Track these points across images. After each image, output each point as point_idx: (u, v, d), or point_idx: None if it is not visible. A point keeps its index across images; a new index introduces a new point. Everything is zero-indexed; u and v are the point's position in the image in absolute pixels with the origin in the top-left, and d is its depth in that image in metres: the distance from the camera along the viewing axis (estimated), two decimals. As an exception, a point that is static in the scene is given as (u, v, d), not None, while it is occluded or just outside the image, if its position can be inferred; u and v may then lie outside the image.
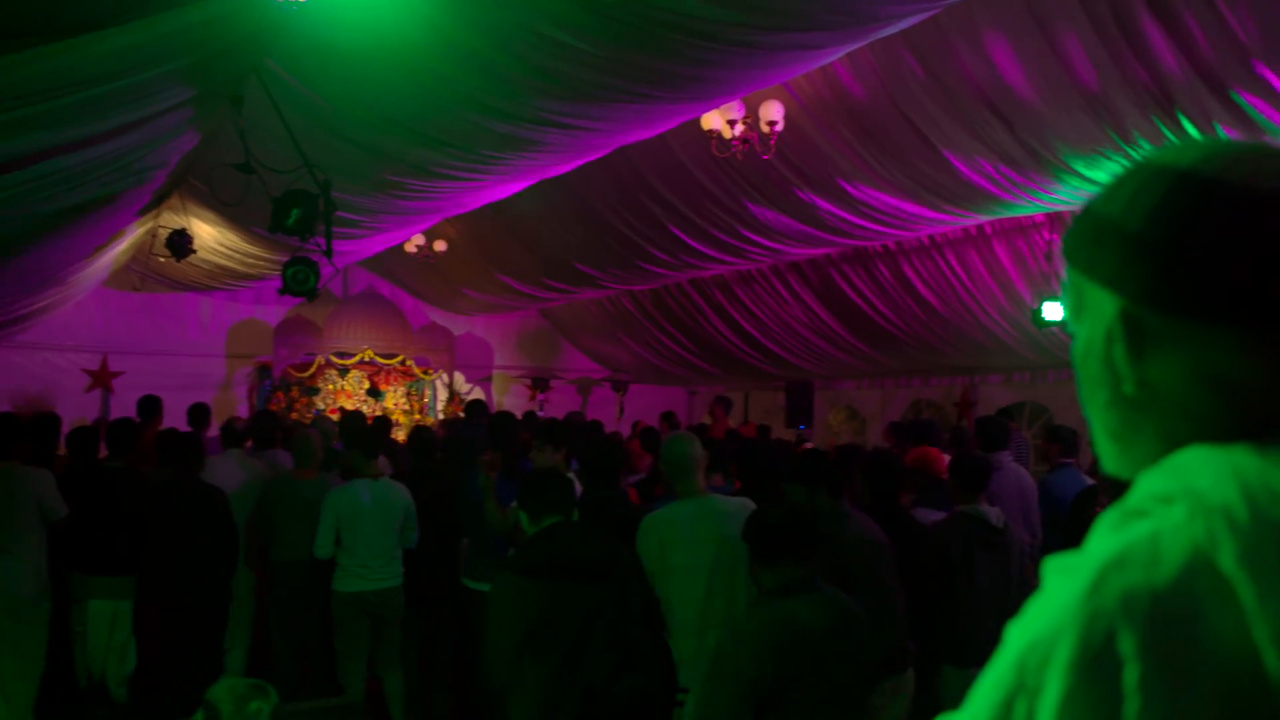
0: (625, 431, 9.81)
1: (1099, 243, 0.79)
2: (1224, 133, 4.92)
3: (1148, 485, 0.72)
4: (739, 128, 6.24)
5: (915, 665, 3.90)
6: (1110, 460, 0.82)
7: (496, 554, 4.87)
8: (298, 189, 4.99)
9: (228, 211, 6.81)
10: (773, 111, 6.14)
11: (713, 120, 6.24)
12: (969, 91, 5.52)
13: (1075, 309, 0.83)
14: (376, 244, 9.02)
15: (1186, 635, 0.62)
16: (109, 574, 5.19)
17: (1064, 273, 0.85)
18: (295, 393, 11.26)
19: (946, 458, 5.31)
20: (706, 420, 10.48)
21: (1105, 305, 0.79)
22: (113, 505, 5.20)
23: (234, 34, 3.67)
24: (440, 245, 10.40)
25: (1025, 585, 4.68)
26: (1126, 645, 0.62)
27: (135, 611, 5.30)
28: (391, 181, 5.99)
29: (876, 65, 5.75)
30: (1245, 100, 4.64)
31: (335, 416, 10.76)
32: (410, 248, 10.29)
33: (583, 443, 5.57)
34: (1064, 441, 6.00)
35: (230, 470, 5.80)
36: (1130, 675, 0.62)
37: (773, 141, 6.25)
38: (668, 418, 9.87)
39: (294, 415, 10.80)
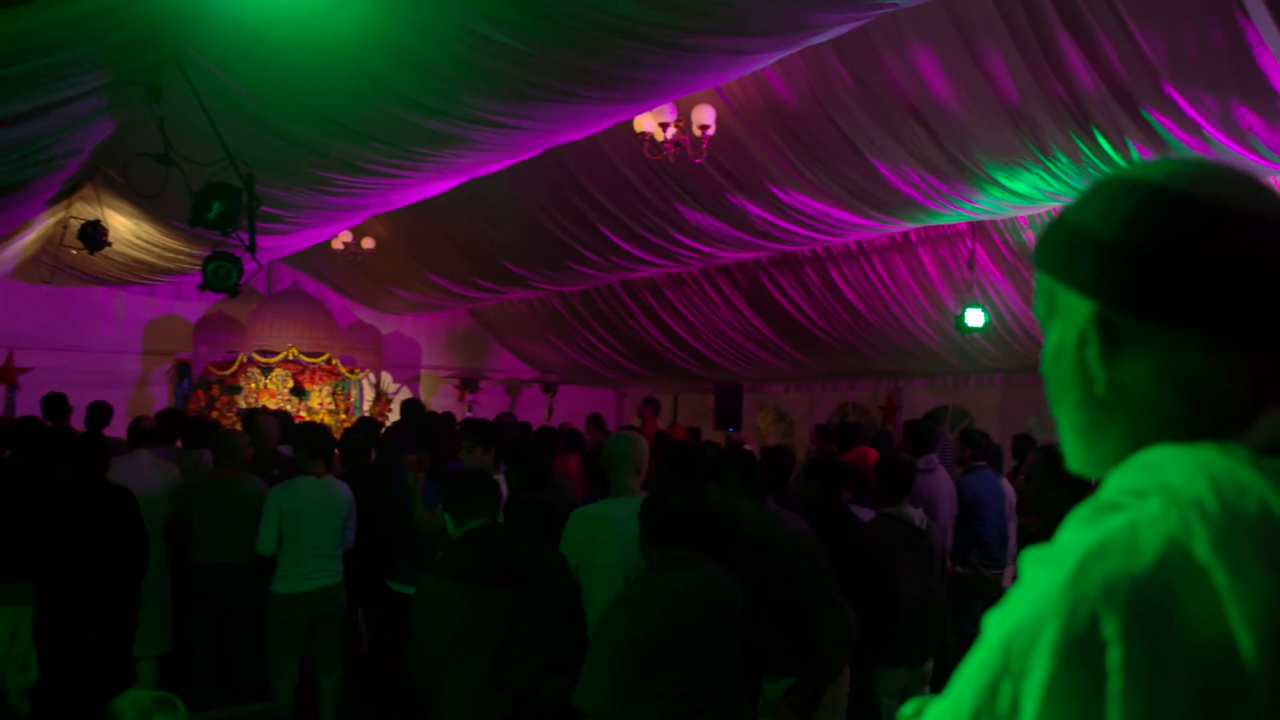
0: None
1: (1074, 250, 0.83)
2: (1135, 149, 5.11)
3: (1119, 481, 0.76)
4: (671, 131, 6.26)
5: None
6: (1076, 458, 0.87)
7: (423, 556, 4.81)
8: (220, 182, 4.86)
9: (145, 203, 6.60)
10: (705, 115, 6.18)
11: (645, 123, 6.25)
12: (896, 101, 5.64)
13: (1047, 313, 0.87)
14: (302, 240, 8.83)
15: (1165, 618, 0.66)
16: (9, 579, 4.97)
17: (1035, 278, 0.89)
18: (215, 391, 10.97)
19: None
20: (635, 422, 10.49)
21: (1079, 309, 0.82)
22: (15, 507, 4.97)
23: (151, 19, 3.55)
24: (368, 243, 10.23)
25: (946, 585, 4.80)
26: (1109, 628, 0.66)
27: (37, 619, 5.08)
28: (318, 176, 5.87)
29: (807, 72, 5.83)
30: (1155, 119, 4.82)
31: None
32: (337, 244, 10.11)
33: (516, 444, 5.52)
34: (976, 445, 6.16)
35: (138, 471, 5.60)
36: (1113, 656, 0.65)
37: (704, 145, 6.29)
38: (595, 420, 9.85)
39: (214, 414, 10.52)
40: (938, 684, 4.48)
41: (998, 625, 0.73)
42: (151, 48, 3.99)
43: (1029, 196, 6.23)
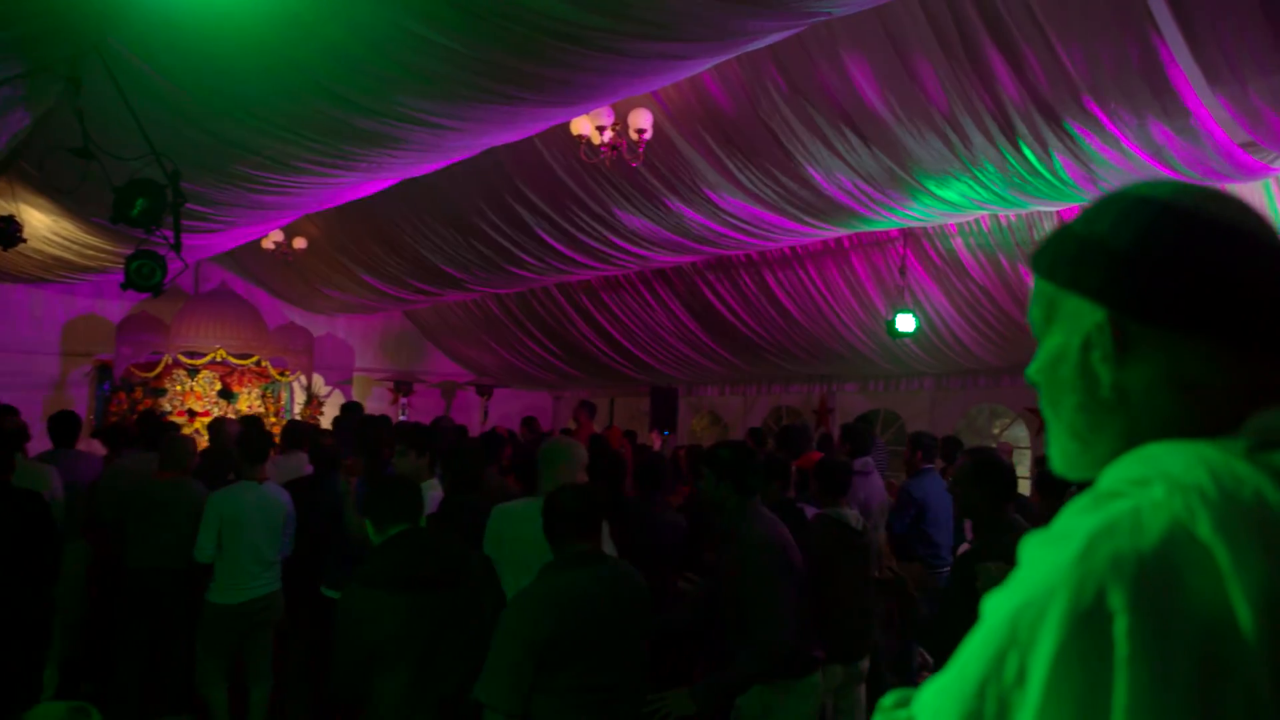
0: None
1: (1084, 259, 0.88)
2: (1059, 161, 5.27)
3: (1119, 472, 0.81)
4: (608, 134, 6.27)
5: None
6: (1067, 459, 0.92)
7: (358, 562, 4.74)
8: (143, 178, 4.71)
9: (64, 199, 6.38)
10: (641, 119, 6.19)
11: (582, 125, 6.25)
12: (830, 108, 5.72)
13: (1044, 319, 0.92)
14: (231, 239, 8.62)
15: (1169, 592, 0.71)
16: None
17: (1033, 286, 0.94)
18: (139, 394, 10.65)
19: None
20: (571, 425, 10.47)
21: (1086, 315, 0.88)
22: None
23: (68, 7, 3.44)
24: (300, 242, 10.04)
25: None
26: (1116, 600, 0.71)
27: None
28: (247, 174, 5.74)
29: (743, 78, 5.89)
30: (1077, 132, 4.98)
31: (182, 419, 10.26)
32: (268, 244, 9.90)
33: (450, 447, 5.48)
34: (925, 447, 6.28)
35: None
36: (1120, 626, 0.70)
37: (641, 149, 6.31)
38: (528, 422, 9.82)
39: (135, 417, 10.20)
40: (871, 681, 4.56)
41: (1003, 602, 0.77)
42: (69, 38, 3.87)
43: (958, 204, 6.38)
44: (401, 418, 12.25)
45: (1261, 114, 4.42)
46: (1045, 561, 0.76)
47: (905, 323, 8.37)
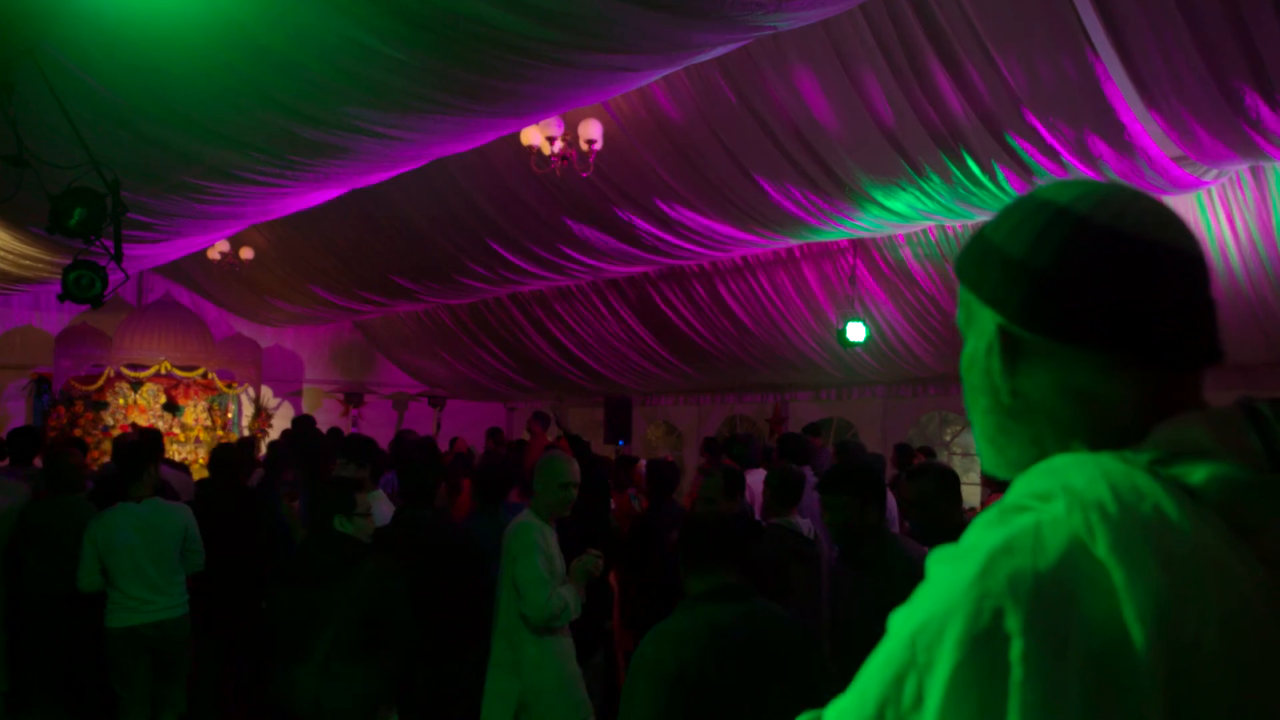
0: (442, 448, 9.63)
1: (984, 264, 0.87)
2: (1001, 172, 5.37)
3: (1025, 485, 0.79)
4: (558, 144, 6.26)
5: None
6: (987, 461, 0.91)
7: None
8: (82, 187, 4.60)
9: (-2, 208, 6.21)
10: (592, 130, 6.20)
11: (532, 136, 6.24)
12: (779, 120, 5.78)
13: (965, 322, 0.91)
14: (175, 249, 8.45)
15: (1065, 613, 0.70)
16: None
17: (959, 289, 0.92)
18: (79, 407, 10.40)
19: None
20: (525, 436, 10.43)
21: (987, 321, 0.86)
22: None
23: (0, 10, 3.36)
24: (247, 253, 9.89)
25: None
26: (1012, 622, 0.70)
27: None
28: (190, 184, 5.63)
29: (693, 90, 5.93)
30: (1018, 144, 5.08)
31: (126, 433, 10.04)
32: (214, 254, 9.74)
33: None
34: (850, 455, 6.36)
35: None
36: (1015, 649, 0.69)
37: (591, 160, 6.31)
38: (494, 434, 9.82)
39: (77, 432, 9.97)
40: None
41: (904, 621, 0.76)
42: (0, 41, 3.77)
43: (905, 215, 6.47)
44: (352, 429, 12.11)
45: (1191, 129, 4.55)
46: (946, 579, 0.75)
47: (856, 331, 8.45)
